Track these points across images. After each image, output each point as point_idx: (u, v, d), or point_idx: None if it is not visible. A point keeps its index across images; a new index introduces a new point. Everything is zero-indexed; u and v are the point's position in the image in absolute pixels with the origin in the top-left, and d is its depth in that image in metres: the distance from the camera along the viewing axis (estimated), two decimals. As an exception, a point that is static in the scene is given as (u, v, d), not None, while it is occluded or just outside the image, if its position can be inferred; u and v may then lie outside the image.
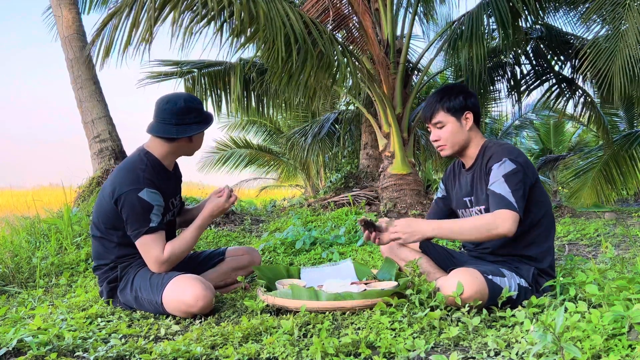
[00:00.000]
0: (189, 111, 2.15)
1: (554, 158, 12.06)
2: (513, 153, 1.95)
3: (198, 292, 1.93)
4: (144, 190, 2.04)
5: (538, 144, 15.39)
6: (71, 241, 3.48)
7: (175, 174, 2.36)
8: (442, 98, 2.05)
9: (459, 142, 2.06)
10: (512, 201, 1.85)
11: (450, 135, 2.04)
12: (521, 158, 1.95)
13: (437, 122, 2.06)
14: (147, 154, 2.18)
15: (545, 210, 2.01)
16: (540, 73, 6.27)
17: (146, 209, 2.04)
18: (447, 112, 2.04)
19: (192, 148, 2.26)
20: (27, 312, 2.12)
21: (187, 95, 2.21)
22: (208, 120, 2.24)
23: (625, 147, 6.26)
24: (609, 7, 4.38)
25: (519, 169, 1.90)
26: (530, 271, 1.94)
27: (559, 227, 4.26)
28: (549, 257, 2.01)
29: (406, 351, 1.47)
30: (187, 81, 5.92)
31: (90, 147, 5.96)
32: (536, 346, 1.18)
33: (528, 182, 1.93)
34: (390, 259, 2.27)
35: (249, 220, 4.94)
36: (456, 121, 2.04)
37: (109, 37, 3.94)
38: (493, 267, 1.91)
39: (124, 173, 2.12)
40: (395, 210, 5.21)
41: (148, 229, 2.04)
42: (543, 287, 1.96)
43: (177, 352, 1.51)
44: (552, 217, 2.07)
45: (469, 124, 2.05)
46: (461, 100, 2.04)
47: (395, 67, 5.50)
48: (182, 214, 2.48)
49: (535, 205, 1.98)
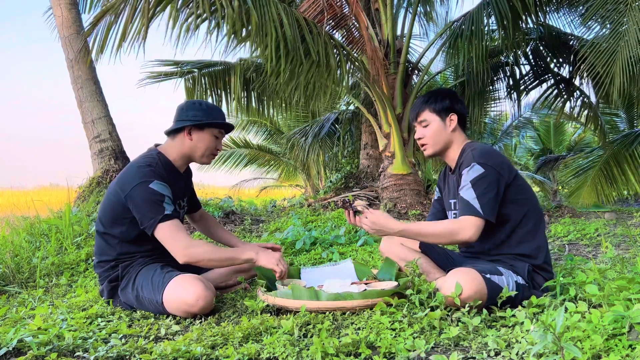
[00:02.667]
0: (189, 107, 2.22)
1: (554, 158, 12.06)
2: (483, 157, 1.97)
3: (199, 292, 1.93)
4: (154, 182, 2.07)
5: (538, 144, 15.38)
6: (71, 241, 3.48)
7: (187, 177, 2.40)
8: (429, 99, 2.13)
9: (441, 142, 2.12)
10: (476, 207, 1.89)
11: (434, 134, 2.11)
12: (492, 160, 1.96)
13: (422, 120, 2.13)
14: (159, 153, 2.23)
15: (527, 208, 2.02)
16: (539, 73, 6.28)
17: (158, 198, 2.05)
18: (433, 112, 2.11)
19: (195, 148, 2.23)
20: (28, 312, 2.12)
21: (202, 100, 2.30)
22: (210, 118, 2.22)
23: (625, 147, 6.26)
24: (610, 7, 4.38)
25: (487, 173, 1.92)
26: (525, 268, 1.94)
27: (559, 227, 4.26)
28: (542, 253, 2.01)
29: (406, 351, 1.47)
30: (187, 81, 5.92)
31: (90, 147, 5.96)
32: (536, 346, 1.17)
33: (502, 183, 1.94)
34: (390, 259, 2.28)
35: (249, 220, 4.94)
36: (440, 121, 2.11)
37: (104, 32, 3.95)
38: (490, 265, 1.92)
39: (135, 168, 2.13)
40: (396, 210, 5.21)
41: (163, 217, 2.04)
42: (543, 287, 1.96)
43: (177, 352, 1.50)
44: (539, 213, 2.06)
45: (452, 125, 2.11)
46: (448, 103, 2.12)
47: (395, 67, 5.50)
48: (216, 228, 2.60)
49: (516, 204, 1.99)
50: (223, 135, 2.32)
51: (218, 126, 2.25)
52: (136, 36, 3.77)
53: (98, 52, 3.98)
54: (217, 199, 5.90)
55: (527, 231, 2.00)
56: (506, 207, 1.97)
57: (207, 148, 2.25)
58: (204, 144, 2.24)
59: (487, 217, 1.89)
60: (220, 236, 2.60)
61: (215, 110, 2.26)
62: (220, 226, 2.66)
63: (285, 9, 4.10)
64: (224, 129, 2.29)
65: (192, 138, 2.22)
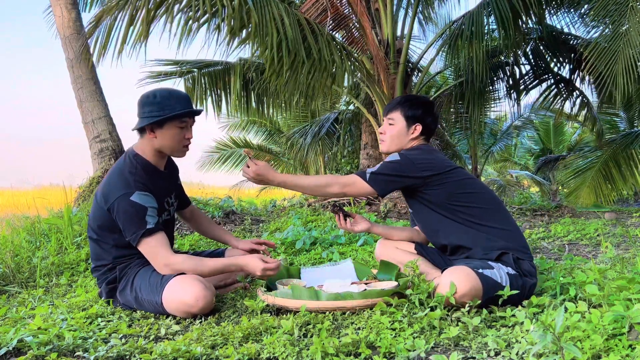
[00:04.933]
0: (145, 103, 2.10)
1: (554, 158, 12.08)
2: (410, 151, 2.14)
3: (198, 292, 1.93)
4: (135, 194, 2.02)
5: (538, 144, 15.39)
6: (71, 241, 3.48)
7: (170, 173, 2.33)
8: (405, 102, 2.23)
9: (397, 144, 2.22)
10: (367, 173, 2.07)
11: (394, 134, 2.22)
12: (415, 155, 2.10)
13: (390, 118, 2.24)
14: (135, 156, 2.16)
15: (478, 199, 2.08)
16: (538, 73, 6.28)
17: (140, 212, 2.02)
18: (402, 115, 2.21)
19: (162, 144, 2.13)
20: (28, 312, 2.12)
21: (156, 91, 2.12)
22: (167, 111, 2.06)
23: (624, 147, 6.26)
24: (611, 7, 4.38)
25: (400, 161, 2.08)
26: (510, 257, 1.95)
27: (559, 227, 4.26)
28: (511, 237, 2.03)
29: (406, 351, 1.47)
30: (187, 81, 5.92)
31: (90, 147, 5.95)
32: (536, 346, 1.18)
33: (412, 174, 2.05)
34: (385, 261, 2.28)
35: (249, 220, 4.94)
36: (405, 126, 2.21)
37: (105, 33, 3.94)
38: (481, 261, 1.94)
39: (114, 178, 2.10)
40: (395, 210, 5.21)
41: (145, 232, 2.01)
42: (543, 287, 1.97)
43: (177, 352, 1.50)
44: (494, 200, 2.12)
45: (414, 134, 2.20)
46: (419, 112, 2.21)
47: (395, 67, 5.50)
48: (208, 225, 2.55)
49: (459, 199, 2.06)
50: (188, 122, 2.15)
51: (177, 117, 2.08)
52: (138, 37, 3.77)
53: (100, 53, 3.97)
54: (217, 199, 5.90)
55: (486, 219, 2.04)
56: (443, 197, 2.06)
57: (174, 142, 2.12)
58: (168, 139, 2.11)
59: (370, 184, 2.05)
60: (213, 233, 2.55)
61: (170, 100, 2.08)
62: (213, 223, 2.61)
63: (286, 9, 4.10)
64: (185, 117, 2.12)
65: (156, 135, 2.10)
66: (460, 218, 2.06)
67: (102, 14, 3.93)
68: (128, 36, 3.79)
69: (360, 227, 2.34)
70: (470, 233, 2.05)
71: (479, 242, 2.02)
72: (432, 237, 2.23)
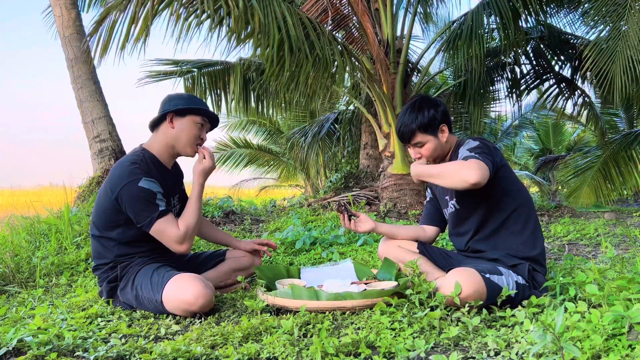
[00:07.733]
0: (171, 99, 2.23)
1: (554, 158, 12.08)
2: (476, 138, 2.02)
3: (198, 291, 1.93)
4: (142, 180, 2.05)
5: (538, 144, 15.39)
6: (71, 241, 3.48)
7: (175, 174, 2.36)
8: (415, 118, 2.09)
9: (441, 155, 2.14)
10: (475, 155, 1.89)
11: (432, 151, 2.11)
12: (485, 142, 2.01)
13: (416, 142, 2.12)
14: (143, 150, 2.22)
15: (520, 202, 2.04)
16: (540, 73, 6.28)
17: (150, 196, 2.05)
18: (424, 133, 2.09)
19: (177, 137, 2.19)
20: (27, 312, 2.12)
21: (184, 93, 2.27)
22: (191, 105, 2.19)
23: (624, 147, 6.26)
24: (610, 8, 4.38)
25: (483, 145, 1.96)
26: (526, 268, 1.94)
27: (559, 227, 4.26)
28: (538, 244, 2.02)
29: (406, 351, 1.47)
30: (186, 80, 5.92)
31: (90, 147, 5.96)
32: (536, 346, 1.18)
33: (496, 157, 1.96)
34: (389, 260, 2.28)
35: (249, 220, 4.94)
36: (434, 138, 2.10)
37: (107, 31, 3.93)
38: (490, 265, 1.91)
39: (121, 168, 2.12)
40: (396, 209, 5.21)
41: (159, 213, 2.04)
42: (542, 287, 1.96)
43: (177, 352, 1.50)
44: (530, 204, 2.08)
45: (445, 136, 2.11)
46: (432, 114, 2.08)
47: (395, 67, 5.50)
48: (209, 228, 2.60)
49: (508, 195, 2.02)
50: (206, 125, 2.26)
51: (199, 113, 2.21)
52: (140, 34, 3.77)
53: (102, 52, 3.96)
54: (217, 199, 5.90)
55: (518, 222, 2.02)
56: (498, 193, 1.99)
57: (189, 136, 2.19)
58: (186, 131, 2.19)
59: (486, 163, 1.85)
60: (215, 236, 2.60)
61: (197, 100, 2.25)
62: (214, 226, 2.65)
63: (288, 8, 4.10)
64: (206, 116, 2.24)
65: (174, 125, 2.19)
66: (504, 216, 2.02)
67: (108, 10, 3.92)
68: (130, 33, 3.78)
69: (364, 227, 2.28)
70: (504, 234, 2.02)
71: (509, 245, 2.01)
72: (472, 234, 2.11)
